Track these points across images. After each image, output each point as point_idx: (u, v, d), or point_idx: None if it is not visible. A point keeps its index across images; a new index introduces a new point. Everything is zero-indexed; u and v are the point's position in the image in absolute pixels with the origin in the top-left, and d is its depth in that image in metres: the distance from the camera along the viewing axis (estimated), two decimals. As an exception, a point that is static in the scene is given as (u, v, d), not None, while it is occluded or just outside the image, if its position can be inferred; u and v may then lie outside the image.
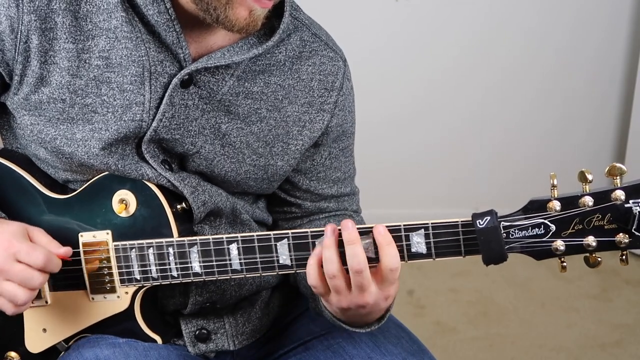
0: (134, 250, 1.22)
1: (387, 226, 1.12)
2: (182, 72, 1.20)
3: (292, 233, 1.17)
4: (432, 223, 1.12)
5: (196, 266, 1.21)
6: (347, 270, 1.13)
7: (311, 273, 1.14)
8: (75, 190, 1.27)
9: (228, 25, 1.15)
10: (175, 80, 1.20)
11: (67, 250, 1.20)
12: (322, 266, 1.14)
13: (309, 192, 1.40)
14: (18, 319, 1.28)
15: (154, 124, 1.21)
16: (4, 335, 1.31)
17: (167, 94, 1.20)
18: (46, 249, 1.17)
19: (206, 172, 1.28)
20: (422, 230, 1.12)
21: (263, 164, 1.30)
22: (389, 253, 1.11)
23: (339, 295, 1.14)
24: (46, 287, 1.26)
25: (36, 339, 1.29)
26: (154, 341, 1.28)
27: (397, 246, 1.13)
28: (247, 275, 1.20)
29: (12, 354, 1.31)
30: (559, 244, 1.08)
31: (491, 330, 2.77)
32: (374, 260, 1.13)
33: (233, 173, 1.29)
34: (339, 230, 1.13)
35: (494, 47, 3.31)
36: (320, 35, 1.35)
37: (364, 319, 1.21)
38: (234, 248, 1.19)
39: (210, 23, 1.17)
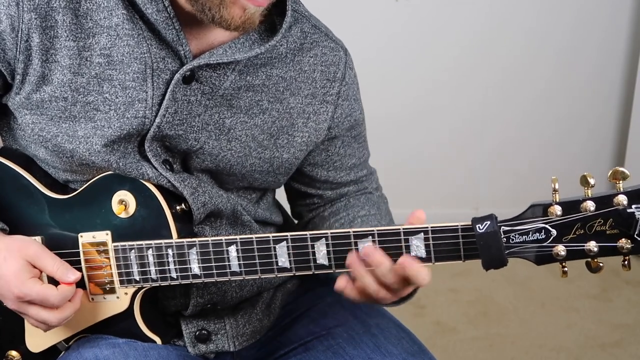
0: (133, 251, 1.22)
1: (386, 229, 1.12)
2: (184, 68, 1.20)
3: (291, 235, 1.17)
4: (431, 227, 1.11)
5: (195, 268, 1.20)
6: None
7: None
8: (75, 190, 1.26)
9: (224, 25, 1.16)
10: (177, 76, 1.20)
11: (76, 277, 1.20)
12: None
13: (328, 182, 1.42)
14: (19, 319, 1.27)
15: (157, 120, 1.21)
16: (5, 335, 1.31)
17: (169, 90, 1.20)
18: (58, 292, 1.17)
19: (211, 167, 1.28)
20: (422, 234, 1.12)
21: (268, 157, 1.31)
22: (421, 273, 1.12)
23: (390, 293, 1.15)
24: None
25: (37, 339, 1.29)
26: (154, 342, 1.28)
27: (397, 249, 1.13)
28: (246, 278, 1.20)
29: (13, 353, 1.31)
30: (560, 249, 1.07)
31: (491, 330, 2.77)
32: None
33: (239, 166, 1.29)
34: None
35: (495, 47, 3.31)
36: (320, 27, 1.36)
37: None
38: (232, 250, 1.18)
39: (207, 22, 1.17)
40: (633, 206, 1.03)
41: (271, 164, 1.32)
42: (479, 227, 1.08)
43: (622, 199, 1.03)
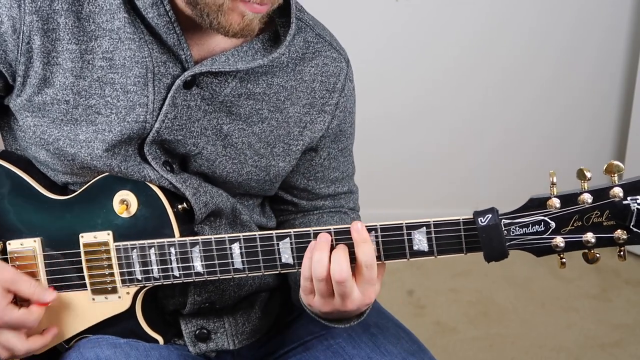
0: (135, 250, 1.22)
1: (389, 224, 1.13)
2: (185, 73, 1.20)
3: (295, 232, 1.17)
4: (433, 221, 1.12)
5: (198, 266, 1.21)
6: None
7: (306, 267, 1.15)
8: (75, 191, 1.26)
9: (222, 31, 1.15)
10: (178, 82, 1.20)
11: (53, 297, 1.23)
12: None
13: (306, 191, 1.41)
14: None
15: (157, 125, 1.21)
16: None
17: (169, 95, 1.20)
18: (34, 317, 1.21)
19: (207, 173, 1.28)
20: (424, 227, 1.13)
21: (265, 165, 1.30)
22: (363, 250, 1.12)
23: (323, 299, 1.16)
24: (46, 286, 1.26)
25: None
26: (156, 341, 1.29)
27: (399, 243, 1.13)
28: (249, 275, 1.20)
29: (13, 353, 1.31)
30: (559, 240, 1.09)
31: (491, 330, 2.77)
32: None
33: (235, 174, 1.29)
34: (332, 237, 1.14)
35: (495, 47, 3.31)
36: (324, 36, 1.35)
37: (343, 317, 1.22)
38: (236, 247, 1.19)
39: (207, 28, 1.17)
40: (628, 198, 1.05)
41: (268, 173, 1.31)
42: (480, 220, 1.09)
43: (618, 191, 1.05)
